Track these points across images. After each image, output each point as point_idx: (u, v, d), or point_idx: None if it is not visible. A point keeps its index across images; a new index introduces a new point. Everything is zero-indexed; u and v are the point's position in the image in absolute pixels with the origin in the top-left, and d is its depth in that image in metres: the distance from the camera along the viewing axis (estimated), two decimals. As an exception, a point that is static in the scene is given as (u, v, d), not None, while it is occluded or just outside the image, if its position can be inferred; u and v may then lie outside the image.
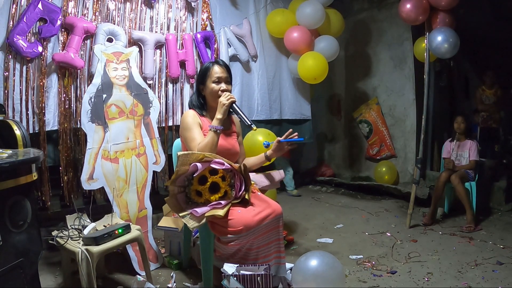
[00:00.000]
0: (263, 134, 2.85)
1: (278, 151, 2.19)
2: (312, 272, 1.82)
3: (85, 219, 2.14)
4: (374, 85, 4.62)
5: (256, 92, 3.84)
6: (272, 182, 2.33)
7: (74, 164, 2.71)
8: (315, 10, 3.64)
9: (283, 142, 2.15)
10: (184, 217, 1.86)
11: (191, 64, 3.23)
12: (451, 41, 3.04)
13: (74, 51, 2.60)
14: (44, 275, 2.28)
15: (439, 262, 2.45)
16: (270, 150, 2.23)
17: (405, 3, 3.14)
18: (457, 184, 3.16)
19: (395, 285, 2.17)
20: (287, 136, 2.14)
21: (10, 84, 2.43)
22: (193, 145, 1.97)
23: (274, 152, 2.20)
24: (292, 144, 2.17)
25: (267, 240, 1.95)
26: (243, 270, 1.82)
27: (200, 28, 3.38)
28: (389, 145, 4.46)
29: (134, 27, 2.98)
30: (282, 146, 2.17)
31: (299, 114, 4.23)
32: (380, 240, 2.90)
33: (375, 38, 4.54)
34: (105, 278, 2.30)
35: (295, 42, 3.73)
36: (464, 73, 5.22)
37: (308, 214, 3.60)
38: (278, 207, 1.99)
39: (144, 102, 2.58)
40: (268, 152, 2.23)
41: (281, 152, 2.20)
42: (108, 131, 2.37)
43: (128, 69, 2.53)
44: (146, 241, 2.36)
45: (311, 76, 3.79)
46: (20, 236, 1.45)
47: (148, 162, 2.55)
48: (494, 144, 4.50)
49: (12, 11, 2.41)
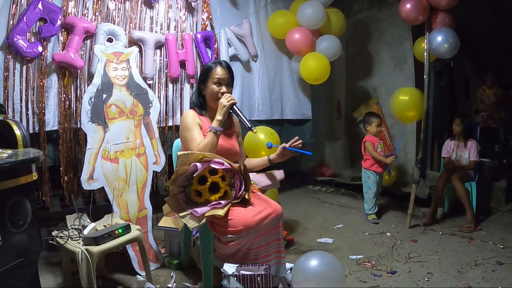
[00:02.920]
0: (266, 134, 2.84)
1: (282, 157, 2.19)
2: (312, 272, 1.82)
3: (85, 219, 2.15)
4: (374, 85, 4.62)
5: (257, 92, 3.84)
6: (273, 182, 2.33)
7: (74, 164, 2.71)
8: (315, 10, 3.64)
9: (287, 149, 2.15)
10: (184, 217, 1.86)
11: (191, 64, 3.23)
12: (451, 41, 3.04)
13: (74, 51, 2.60)
14: (44, 275, 2.28)
15: (439, 262, 2.45)
16: (274, 155, 2.22)
17: (405, 3, 3.14)
18: (457, 184, 3.16)
19: (395, 285, 2.17)
20: (292, 143, 2.13)
21: (10, 84, 2.43)
22: (192, 145, 1.98)
23: (278, 157, 2.20)
24: (295, 153, 2.17)
25: (267, 240, 1.95)
26: (243, 270, 1.82)
27: (200, 28, 3.37)
28: (389, 145, 4.46)
29: (134, 27, 2.98)
30: (286, 152, 2.17)
31: (300, 114, 4.23)
32: (380, 240, 2.90)
33: (375, 38, 4.53)
34: (105, 278, 2.30)
35: (297, 44, 3.73)
36: (464, 73, 5.21)
37: (308, 214, 3.60)
38: (278, 207, 1.99)
39: (144, 102, 2.58)
40: (272, 156, 2.23)
41: (285, 158, 2.20)
42: (108, 131, 2.37)
43: (128, 69, 2.53)
44: (146, 241, 2.36)
45: (313, 77, 3.79)
46: (20, 236, 1.45)
47: (148, 162, 2.55)
48: (494, 144, 4.49)
49: (12, 11, 2.41)
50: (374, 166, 3.39)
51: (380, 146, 3.42)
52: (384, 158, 3.30)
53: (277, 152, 2.19)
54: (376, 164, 3.37)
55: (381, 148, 3.43)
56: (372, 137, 3.43)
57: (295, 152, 2.15)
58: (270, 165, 2.26)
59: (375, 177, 3.39)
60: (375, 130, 3.42)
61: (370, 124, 3.44)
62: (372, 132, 3.43)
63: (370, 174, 3.40)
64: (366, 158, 3.44)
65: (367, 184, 3.42)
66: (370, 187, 3.39)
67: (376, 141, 3.41)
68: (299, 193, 4.50)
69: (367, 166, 3.42)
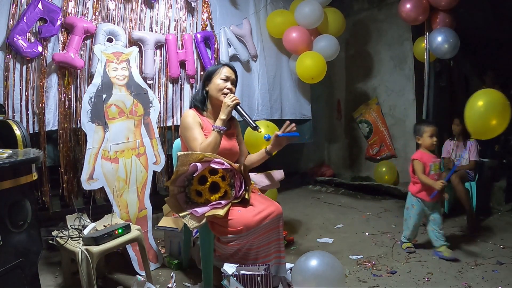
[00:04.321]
0: (262, 126, 2.81)
1: (278, 145, 2.15)
2: (312, 272, 1.82)
3: (85, 219, 2.14)
4: (374, 85, 4.62)
5: (257, 92, 3.84)
6: (273, 182, 2.33)
7: (74, 164, 2.71)
8: (313, 9, 3.64)
9: (281, 136, 2.14)
10: (184, 217, 1.86)
11: (191, 64, 3.23)
12: (451, 42, 3.05)
13: (74, 51, 2.60)
14: (44, 275, 2.28)
15: (439, 262, 2.45)
16: (269, 145, 2.21)
17: (405, 3, 3.15)
18: (457, 184, 3.15)
19: (395, 285, 2.17)
20: (284, 129, 2.11)
21: (10, 84, 2.43)
22: (194, 144, 1.97)
23: (273, 146, 2.16)
24: (291, 138, 2.14)
25: (267, 240, 1.95)
26: (243, 270, 1.82)
27: (200, 28, 3.38)
28: (389, 145, 4.46)
29: (134, 27, 2.98)
30: (281, 140, 2.14)
31: (299, 114, 4.23)
32: (380, 240, 2.90)
33: (375, 38, 4.54)
34: (105, 278, 2.30)
35: (294, 42, 3.74)
36: (464, 73, 5.21)
37: (308, 214, 3.60)
38: (278, 207, 1.99)
39: (144, 102, 2.58)
40: (268, 147, 2.21)
41: (280, 146, 2.16)
42: (108, 131, 2.37)
43: (128, 69, 2.53)
44: (146, 241, 2.36)
45: (308, 76, 3.79)
46: (20, 236, 1.45)
47: (148, 162, 2.55)
48: (494, 144, 4.49)
49: (12, 11, 2.41)
50: (423, 193, 2.61)
51: (435, 166, 2.61)
52: (433, 182, 2.52)
53: (272, 142, 2.14)
54: (426, 190, 2.59)
55: (436, 170, 2.61)
56: (424, 153, 2.64)
57: (291, 138, 2.12)
58: (269, 157, 2.23)
59: (421, 206, 2.63)
60: (429, 142, 2.61)
61: (421, 136, 2.64)
62: (426, 145, 2.63)
63: (414, 202, 2.66)
64: (414, 181, 2.67)
65: (408, 212, 2.71)
66: (411, 216, 2.68)
67: (430, 160, 2.60)
68: (299, 193, 4.50)
69: (414, 191, 2.66)
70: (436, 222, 2.59)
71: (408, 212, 2.71)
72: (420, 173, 2.57)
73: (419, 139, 2.66)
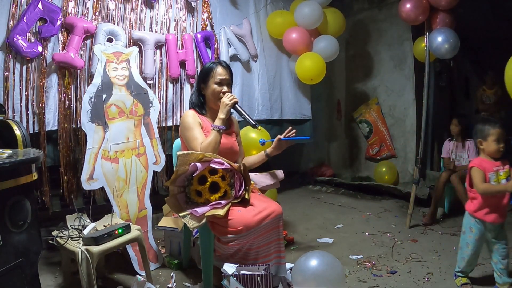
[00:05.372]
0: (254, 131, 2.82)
1: (279, 148, 2.22)
2: (312, 272, 1.82)
3: (85, 219, 2.15)
4: (374, 85, 4.62)
5: (257, 92, 3.84)
6: (272, 182, 2.34)
7: (74, 164, 2.71)
8: (312, 10, 3.64)
9: (283, 140, 2.17)
10: (184, 217, 1.86)
11: (191, 64, 3.23)
12: (451, 42, 3.05)
13: (74, 51, 2.60)
14: (44, 275, 2.28)
15: (439, 262, 2.45)
16: (270, 148, 2.25)
17: (405, 3, 3.14)
18: (457, 184, 3.15)
19: (395, 285, 2.17)
20: (287, 134, 2.16)
21: (10, 84, 2.43)
22: (194, 144, 1.97)
23: (274, 150, 2.23)
24: (291, 142, 2.18)
25: (267, 240, 1.95)
26: (243, 270, 1.82)
27: (200, 28, 3.38)
28: (389, 145, 4.46)
29: (134, 27, 2.98)
30: (282, 144, 2.20)
31: (299, 114, 4.23)
32: (380, 240, 2.90)
33: (375, 38, 4.54)
34: (105, 278, 2.30)
35: (294, 43, 3.74)
36: (464, 73, 5.21)
37: (308, 214, 3.60)
38: (278, 207, 1.99)
39: (144, 102, 2.58)
40: (268, 150, 2.25)
41: (281, 150, 2.23)
42: (108, 131, 2.37)
43: (128, 69, 2.53)
44: (146, 241, 2.36)
45: (307, 77, 3.80)
46: (20, 236, 1.45)
47: (148, 162, 2.55)
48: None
49: (12, 11, 2.41)
50: (483, 211, 2.01)
51: (497, 177, 1.99)
52: (504, 185, 1.96)
53: (273, 145, 2.22)
54: (489, 207, 2.00)
55: (498, 181, 1.99)
56: (484, 160, 2.04)
57: (291, 142, 2.17)
58: (267, 159, 2.27)
59: (481, 230, 2.04)
60: (495, 149, 2.01)
61: (485, 139, 2.04)
62: (489, 151, 2.03)
63: (473, 224, 2.06)
64: (472, 197, 2.08)
65: (465, 238, 2.11)
66: (468, 243, 2.08)
67: (491, 169, 2.00)
68: (299, 193, 4.50)
69: (472, 209, 2.07)
70: (500, 253, 2.02)
71: (465, 238, 2.10)
72: (480, 183, 1.97)
73: (482, 143, 2.05)
